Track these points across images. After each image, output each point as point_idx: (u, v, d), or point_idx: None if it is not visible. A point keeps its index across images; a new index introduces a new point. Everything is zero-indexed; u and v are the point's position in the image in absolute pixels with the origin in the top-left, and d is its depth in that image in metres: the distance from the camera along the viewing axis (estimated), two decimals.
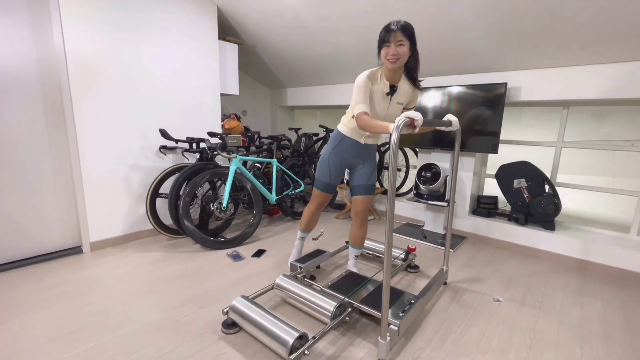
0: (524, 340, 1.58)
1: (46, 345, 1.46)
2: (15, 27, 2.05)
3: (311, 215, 2.09)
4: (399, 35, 1.53)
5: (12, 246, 2.20)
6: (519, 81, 2.59)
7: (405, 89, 1.71)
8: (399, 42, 1.54)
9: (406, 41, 1.54)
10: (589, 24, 1.95)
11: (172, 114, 2.83)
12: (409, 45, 1.56)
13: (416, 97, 1.78)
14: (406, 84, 1.71)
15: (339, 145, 1.88)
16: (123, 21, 2.43)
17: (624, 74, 2.17)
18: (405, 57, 1.58)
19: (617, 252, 2.30)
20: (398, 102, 1.72)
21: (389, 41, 1.55)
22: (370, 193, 1.92)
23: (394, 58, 1.55)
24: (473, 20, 2.21)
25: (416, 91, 1.75)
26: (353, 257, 2.09)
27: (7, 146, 2.11)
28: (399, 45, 1.54)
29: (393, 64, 1.58)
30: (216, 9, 2.98)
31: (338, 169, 1.92)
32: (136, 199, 2.69)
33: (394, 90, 1.68)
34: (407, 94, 1.73)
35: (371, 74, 1.66)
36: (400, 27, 1.52)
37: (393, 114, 1.73)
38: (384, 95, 1.68)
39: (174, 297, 1.87)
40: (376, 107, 1.70)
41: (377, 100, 1.69)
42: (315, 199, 2.03)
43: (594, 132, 2.65)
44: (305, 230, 2.17)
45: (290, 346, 1.30)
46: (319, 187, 1.98)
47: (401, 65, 1.60)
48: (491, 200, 2.98)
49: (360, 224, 1.99)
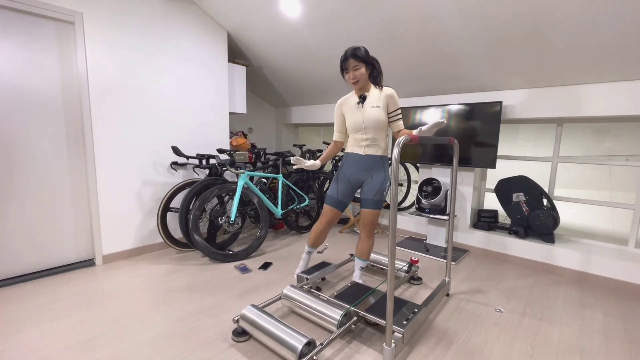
0: (525, 349, 1.63)
1: (64, 353, 1.52)
2: (44, 53, 2.22)
3: (319, 232, 2.13)
4: (353, 62, 1.81)
5: (29, 259, 2.29)
6: (514, 100, 2.72)
7: (375, 93, 1.91)
8: (354, 67, 1.82)
9: (360, 64, 1.82)
10: (580, 45, 2.10)
11: (184, 132, 2.98)
12: (365, 65, 1.82)
13: (390, 98, 1.91)
14: (375, 90, 1.92)
15: (344, 162, 2.03)
16: (141, 46, 2.61)
17: (616, 92, 2.29)
18: (365, 76, 1.86)
19: (616, 264, 2.35)
20: (372, 106, 1.90)
21: (346, 68, 1.85)
22: (376, 208, 1.97)
23: (354, 80, 1.85)
24: (469, 43, 2.37)
25: (387, 93, 1.90)
26: (358, 268, 2.15)
27: (30, 163, 2.24)
28: (355, 69, 1.82)
29: (355, 85, 1.88)
30: (226, 34, 3.18)
31: (346, 184, 2.02)
32: (147, 213, 2.79)
33: (364, 98, 1.91)
34: (379, 97, 1.90)
35: (342, 99, 2.02)
36: (351, 54, 1.80)
37: (371, 117, 1.90)
38: (356, 106, 1.94)
39: (185, 307, 1.94)
40: (353, 118, 1.94)
41: (352, 113, 1.95)
42: (324, 216, 2.09)
43: (595, 147, 2.75)
44: (312, 246, 2.20)
45: (299, 352, 1.37)
46: (328, 202, 2.07)
47: (363, 83, 1.88)
48: (491, 214, 3.06)
49: (366, 236, 2.06)
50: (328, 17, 2.56)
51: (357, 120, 1.92)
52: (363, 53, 1.81)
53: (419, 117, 3.08)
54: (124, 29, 2.51)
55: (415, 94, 3.28)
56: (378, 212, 2.00)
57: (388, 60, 2.86)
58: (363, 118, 1.91)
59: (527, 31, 2.10)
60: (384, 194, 1.97)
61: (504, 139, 3.12)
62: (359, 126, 1.92)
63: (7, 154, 2.14)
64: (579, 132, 2.79)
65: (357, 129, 1.94)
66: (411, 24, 2.36)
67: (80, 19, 2.30)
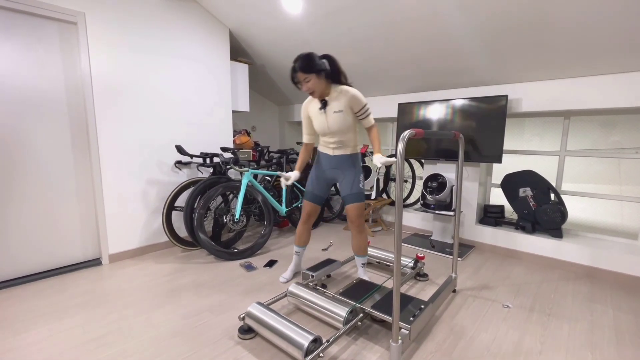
0: (534, 345, 1.61)
1: (73, 351, 1.53)
2: (47, 53, 2.23)
3: (302, 229, 2.19)
4: (301, 75, 1.77)
5: (37, 259, 2.31)
6: (519, 93, 2.68)
7: (335, 96, 1.88)
8: (305, 79, 1.78)
9: (310, 75, 1.76)
10: (585, 38, 2.05)
11: (187, 131, 2.98)
12: (315, 75, 1.77)
13: (353, 97, 1.83)
14: (337, 92, 1.87)
15: (318, 159, 2.11)
16: (143, 46, 2.62)
17: (622, 84, 2.25)
18: (319, 85, 1.80)
19: (626, 259, 2.31)
20: (335, 111, 1.87)
21: (298, 82, 1.82)
22: (357, 201, 1.99)
23: (309, 92, 1.82)
24: (472, 38, 2.33)
25: (349, 95, 1.83)
26: (360, 265, 2.15)
27: (37, 164, 2.25)
28: (307, 81, 1.78)
29: (313, 95, 1.84)
30: (228, 32, 3.17)
31: (321, 180, 2.09)
32: (152, 212, 2.80)
33: (325, 103, 1.88)
34: (341, 101, 1.86)
35: (306, 101, 1.99)
36: (299, 68, 1.76)
37: (337, 125, 1.89)
38: (319, 112, 1.92)
39: (191, 305, 1.94)
40: (318, 122, 1.93)
41: (316, 117, 1.94)
42: (303, 210, 2.16)
43: (603, 141, 2.70)
44: (299, 245, 2.25)
45: (305, 349, 1.36)
46: (306, 197, 2.14)
47: (321, 90, 1.83)
48: (498, 209, 3.02)
49: (357, 231, 2.07)
50: (330, 13, 2.53)
51: (322, 124, 1.93)
52: (309, 63, 1.74)
53: (423, 112, 3.06)
54: (127, 29, 2.51)
55: (420, 89, 3.25)
56: (361, 205, 2.01)
57: (391, 56, 2.83)
58: (327, 124, 1.91)
59: (533, 22, 2.06)
60: (359, 186, 1.99)
61: (510, 133, 3.08)
62: (324, 131, 1.94)
63: (14, 156, 2.16)
64: (587, 126, 2.74)
65: (323, 133, 1.97)
66: (414, 19, 2.33)
67: (82, 20, 2.30)
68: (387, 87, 3.40)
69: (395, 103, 3.51)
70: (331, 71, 1.82)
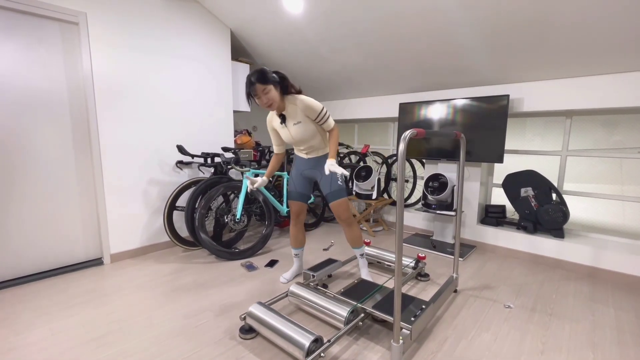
0: (535, 345, 1.60)
1: (75, 350, 1.54)
2: (49, 54, 2.24)
3: (294, 230, 2.22)
4: (260, 87, 1.72)
5: (39, 258, 2.32)
6: (521, 93, 2.67)
7: (291, 109, 1.87)
8: (264, 90, 1.72)
9: (268, 86, 1.73)
10: (587, 38, 2.05)
11: (188, 131, 2.98)
12: (273, 85, 1.75)
13: (307, 107, 1.82)
14: (291, 104, 1.86)
15: (295, 161, 2.16)
16: (145, 46, 2.62)
17: (625, 84, 2.24)
18: (277, 97, 1.78)
19: (628, 259, 2.30)
20: (294, 123, 1.88)
21: (256, 94, 1.74)
22: (340, 197, 2.01)
23: (268, 104, 1.77)
24: (474, 36, 2.33)
25: (302, 106, 1.82)
26: (359, 256, 2.19)
27: (38, 165, 2.26)
28: (265, 93, 1.73)
29: (270, 108, 1.80)
30: (229, 32, 3.17)
31: (300, 178, 2.13)
32: (154, 212, 2.80)
33: (284, 117, 1.90)
34: (297, 112, 1.86)
35: (270, 115, 2.00)
36: (257, 79, 1.70)
37: (300, 135, 1.91)
38: (281, 126, 1.95)
39: (192, 305, 1.95)
40: (284, 135, 1.98)
41: (281, 130, 1.97)
42: (291, 211, 2.19)
43: (605, 141, 2.69)
44: (295, 247, 2.27)
45: (306, 349, 1.36)
46: (290, 198, 2.17)
47: (278, 102, 1.80)
48: (499, 209, 3.02)
49: (346, 225, 2.10)
50: (331, 12, 2.53)
51: (287, 137, 1.98)
52: (265, 75, 1.72)
53: (424, 112, 3.05)
54: (128, 29, 2.52)
55: (421, 88, 3.24)
56: (344, 200, 2.03)
57: (392, 55, 2.83)
58: (291, 136, 1.95)
59: (535, 21, 2.05)
60: (338, 183, 2.01)
61: (511, 133, 3.07)
62: (291, 142, 2.00)
63: (16, 156, 2.16)
64: (589, 125, 2.73)
65: (291, 143, 2.02)
66: (415, 17, 2.33)
67: (84, 20, 2.30)
68: (388, 86, 3.39)
69: (396, 103, 3.50)
70: (280, 83, 1.81)
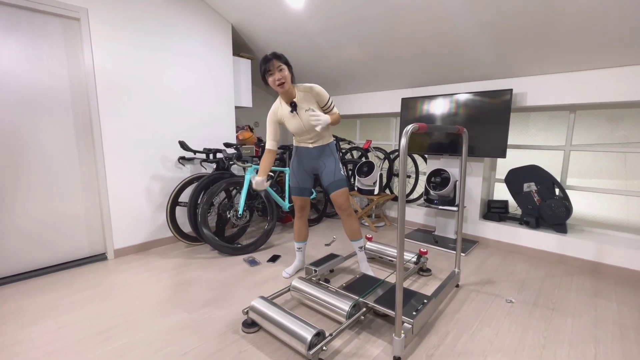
0: (537, 340, 1.61)
1: (79, 344, 1.56)
2: (51, 50, 2.24)
3: (298, 223, 2.24)
4: (277, 62, 1.78)
5: (44, 254, 2.34)
6: (524, 87, 2.65)
7: (301, 96, 1.91)
8: (278, 67, 1.79)
9: (284, 65, 1.80)
10: (591, 30, 2.02)
11: (190, 127, 2.98)
12: (287, 68, 1.82)
13: (316, 93, 1.90)
14: (300, 92, 1.91)
15: (296, 155, 2.13)
16: (146, 42, 2.61)
17: (629, 77, 2.21)
18: (289, 78, 1.84)
19: (631, 254, 2.29)
20: (306, 110, 1.91)
21: (270, 70, 1.79)
22: (340, 187, 2.04)
23: (280, 82, 1.80)
24: (477, 30, 2.31)
25: (312, 92, 1.90)
26: (358, 249, 2.19)
27: (42, 161, 2.27)
28: (280, 70, 1.79)
29: (282, 87, 1.83)
30: (230, 27, 3.16)
31: (302, 173, 2.13)
32: (157, 208, 2.82)
33: (295, 105, 1.91)
34: (308, 98, 1.91)
35: (274, 107, 1.97)
36: (273, 56, 1.78)
37: (310, 121, 1.91)
38: (291, 115, 1.94)
39: (195, 299, 1.96)
40: (293, 125, 1.95)
41: (289, 121, 1.96)
42: (295, 205, 2.20)
43: (609, 135, 2.67)
44: (298, 240, 2.28)
45: (308, 342, 1.37)
46: (293, 193, 2.18)
47: (289, 85, 1.85)
48: (501, 205, 3.01)
49: (346, 215, 2.11)
50: (332, 7, 2.51)
51: (297, 125, 1.96)
52: (282, 55, 1.82)
53: (427, 107, 3.03)
54: (129, 25, 2.51)
55: (423, 83, 3.22)
56: (345, 190, 2.05)
57: (394, 50, 2.81)
58: (302, 124, 1.94)
59: (538, 14, 2.03)
60: (341, 173, 2.05)
61: (514, 127, 3.05)
62: (302, 131, 1.98)
63: (19, 152, 2.17)
64: (593, 120, 2.71)
65: (300, 133, 2.01)
66: (417, 12, 2.31)
67: (85, 15, 2.30)
68: (391, 81, 3.37)
69: (398, 98, 3.48)
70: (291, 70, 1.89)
